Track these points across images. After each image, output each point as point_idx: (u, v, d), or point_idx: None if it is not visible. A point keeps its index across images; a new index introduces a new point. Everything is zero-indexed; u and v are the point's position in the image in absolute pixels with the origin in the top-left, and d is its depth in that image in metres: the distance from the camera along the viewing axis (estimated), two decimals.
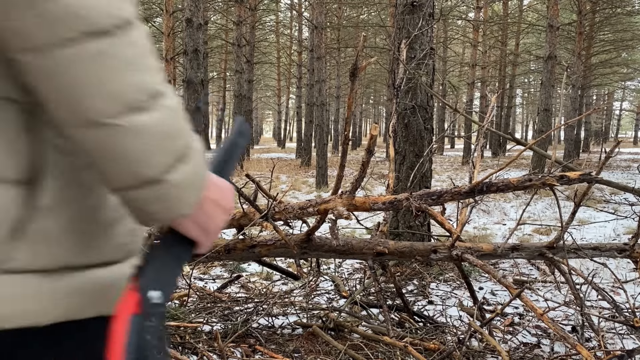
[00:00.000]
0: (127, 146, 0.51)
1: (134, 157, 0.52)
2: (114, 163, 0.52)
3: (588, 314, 2.22)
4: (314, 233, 2.51)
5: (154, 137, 0.53)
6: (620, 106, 41.85)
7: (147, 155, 0.53)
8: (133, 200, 0.56)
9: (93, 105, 0.49)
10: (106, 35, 0.48)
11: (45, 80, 0.48)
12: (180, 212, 0.58)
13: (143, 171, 0.53)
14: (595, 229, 5.66)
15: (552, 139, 11.13)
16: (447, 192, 2.48)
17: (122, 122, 0.50)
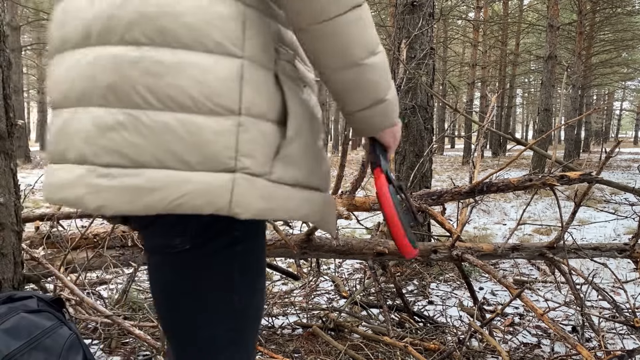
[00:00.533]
0: (369, 78, 0.83)
1: (372, 86, 0.84)
2: (359, 92, 0.84)
3: (588, 314, 2.22)
4: (314, 233, 2.51)
5: (381, 70, 0.84)
6: (620, 106, 41.85)
7: (379, 83, 0.85)
8: (365, 117, 0.88)
9: (354, 52, 0.80)
10: (360, 6, 0.79)
11: (323, 40, 0.79)
12: (392, 122, 0.91)
13: (376, 94, 0.85)
14: (596, 229, 5.66)
15: (552, 139, 11.13)
16: (447, 192, 2.48)
17: (368, 62, 0.82)
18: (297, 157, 0.83)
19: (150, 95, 0.74)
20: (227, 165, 0.75)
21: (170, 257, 0.85)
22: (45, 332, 1.35)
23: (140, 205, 0.74)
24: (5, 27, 1.68)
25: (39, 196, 8.66)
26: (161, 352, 1.97)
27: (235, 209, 0.76)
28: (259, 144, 0.78)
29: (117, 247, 2.52)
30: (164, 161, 0.74)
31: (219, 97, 0.75)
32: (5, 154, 1.62)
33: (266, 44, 0.81)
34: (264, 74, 0.80)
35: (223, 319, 0.88)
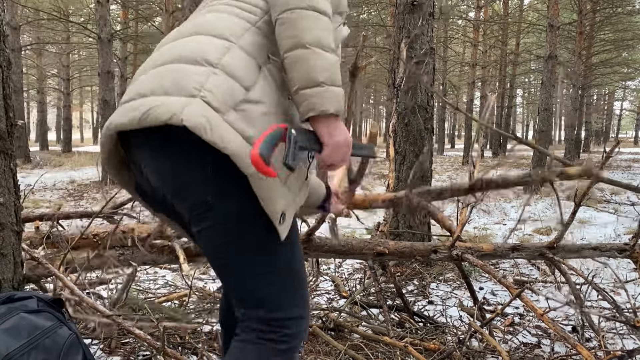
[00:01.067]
0: (311, 61, 1.05)
1: (312, 68, 1.05)
2: (300, 70, 1.06)
3: (588, 312, 2.22)
4: (314, 233, 2.51)
5: (325, 61, 1.06)
6: (620, 106, 41.81)
7: (320, 69, 1.06)
8: (302, 94, 1.06)
9: (304, 37, 1.06)
10: (321, 13, 1.07)
11: (285, 25, 1.07)
12: (323, 107, 1.06)
13: (314, 77, 1.05)
14: (596, 229, 5.66)
15: (552, 139, 11.13)
16: (447, 190, 2.48)
17: (314, 49, 1.06)
18: (253, 117, 1.04)
19: (169, 55, 1.12)
20: (192, 93, 1.02)
21: (204, 214, 1.08)
22: (45, 332, 1.35)
23: (127, 118, 1.05)
24: (5, 27, 1.68)
25: (38, 196, 8.66)
26: (161, 351, 1.97)
27: (182, 116, 0.98)
28: (223, 90, 1.03)
29: (117, 247, 2.52)
30: (154, 90, 1.05)
31: (207, 55, 1.08)
32: (5, 154, 1.62)
33: (259, 46, 1.13)
34: (247, 58, 1.10)
35: (264, 262, 1.13)
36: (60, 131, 31.81)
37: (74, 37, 23.23)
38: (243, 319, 1.17)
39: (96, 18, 11.00)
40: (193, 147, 1.02)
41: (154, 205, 1.27)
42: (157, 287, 3.45)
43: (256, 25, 1.15)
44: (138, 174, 1.20)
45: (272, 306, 1.14)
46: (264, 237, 1.11)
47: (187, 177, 1.07)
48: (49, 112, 34.51)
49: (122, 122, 1.06)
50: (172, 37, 1.21)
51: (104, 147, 1.15)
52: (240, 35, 1.12)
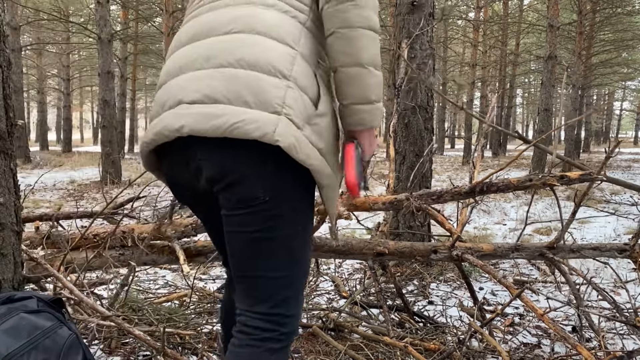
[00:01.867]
0: (367, 80, 1.14)
1: (367, 88, 1.14)
2: (357, 87, 1.14)
3: (588, 312, 2.22)
4: (313, 233, 2.51)
5: (377, 81, 1.15)
6: (620, 106, 41.80)
7: (373, 89, 1.15)
8: (356, 109, 1.16)
9: (363, 56, 1.13)
10: (377, 33, 1.14)
11: (343, 45, 1.13)
12: (372, 123, 1.18)
13: (368, 96, 1.15)
14: (596, 229, 5.66)
15: (552, 138, 11.13)
16: (447, 192, 2.48)
17: (370, 69, 1.14)
18: (322, 130, 1.12)
19: (231, 57, 1.09)
20: (275, 109, 1.05)
21: (253, 208, 1.10)
22: (44, 333, 1.35)
23: (208, 125, 1.04)
24: (5, 27, 1.68)
25: (38, 196, 8.66)
26: (161, 352, 1.97)
27: (276, 137, 1.03)
28: (299, 103, 1.08)
29: (117, 247, 2.52)
30: (232, 99, 1.05)
31: (277, 64, 1.08)
32: (5, 154, 1.62)
33: (312, 51, 1.16)
34: (307, 67, 1.13)
35: (286, 264, 1.16)
36: (60, 131, 31.81)
37: (74, 38, 23.23)
38: (242, 314, 1.19)
39: (96, 18, 11.00)
40: (269, 154, 1.06)
41: (182, 193, 1.28)
42: (157, 287, 3.45)
43: (306, 25, 1.17)
44: (179, 165, 1.18)
45: (277, 302, 1.16)
46: (303, 234, 1.18)
47: (258, 179, 1.09)
48: (49, 112, 34.51)
49: (201, 128, 1.04)
50: (209, 23, 1.17)
51: (151, 144, 1.14)
52: (298, 41, 1.14)
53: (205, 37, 1.15)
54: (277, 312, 1.16)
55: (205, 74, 1.09)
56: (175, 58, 1.19)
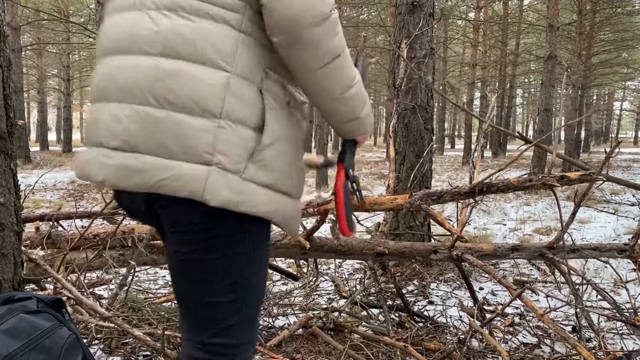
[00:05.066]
0: (346, 106, 1.06)
1: (349, 110, 1.07)
2: (339, 115, 1.08)
3: (588, 312, 2.22)
4: (313, 233, 2.51)
5: (356, 97, 1.06)
6: (620, 106, 41.78)
7: (354, 107, 1.07)
8: (344, 128, 1.11)
9: (334, 91, 1.02)
10: (338, 56, 1.00)
11: (310, 85, 1.02)
12: (365, 130, 1.14)
13: (352, 115, 1.08)
14: (596, 229, 5.65)
15: (552, 138, 11.13)
16: (447, 192, 2.48)
17: (345, 95, 1.04)
18: (270, 162, 0.98)
19: (150, 94, 0.93)
20: (205, 159, 0.92)
21: (188, 233, 1.00)
22: (44, 333, 1.35)
23: (132, 182, 0.93)
24: (5, 27, 1.68)
25: (39, 196, 8.66)
26: (161, 353, 1.96)
27: (206, 195, 0.91)
28: (235, 145, 0.94)
29: (117, 248, 2.52)
30: (154, 149, 0.92)
31: (204, 101, 0.92)
32: (5, 154, 1.62)
33: (254, 63, 0.97)
34: (247, 88, 0.96)
35: (227, 288, 1.05)
36: (60, 131, 31.82)
37: (74, 38, 23.22)
38: (185, 343, 1.10)
39: (96, 18, 11.00)
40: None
41: (132, 212, 1.17)
42: (158, 287, 3.45)
43: (242, 29, 0.96)
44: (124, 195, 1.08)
45: (218, 330, 1.06)
46: (253, 253, 1.06)
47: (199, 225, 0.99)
48: (49, 113, 34.50)
49: (126, 185, 0.94)
50: (130, 30, 0.98)
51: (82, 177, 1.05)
52: (233, 56, 0.94)
53: (127, 51, 0.97)
54: (218, 342, 1.06)
55: (125, 115, 0.94)
56: (102, 72, 1.02)
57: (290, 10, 0.91)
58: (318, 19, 0.92)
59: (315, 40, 0.93)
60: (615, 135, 37.65)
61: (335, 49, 0.97)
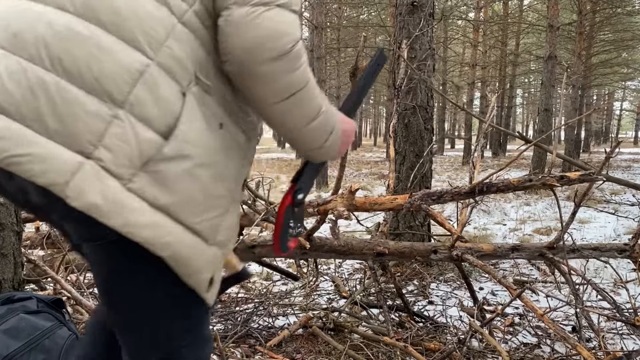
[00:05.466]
0: (307, 136, 0.93)
1: (310, 141, 0.94)
2: (300, 145, 0.95)
3: (588, 312, 2.22)
4: (313, 233, 2.51)
5: (320, 128, 0.93)
6: (620, 106, 41.80)
7: (315, 139, 0.94)
8: (309, 155, 0.99)
9: (294, 124, 0.89)
10: (300, 90, 0.86)
11: (270, 117, 0.89)
12: (332, 156, 1.02)
13: (316, 144, 0.95)
14: (596, 229, 5.66)
15: (552, 139, 11.14)
16: (448, 193, 2.48)
17: (307, 127, 0.91)
18: (171, 180, 0.79)
19: (45, 53, 0.76)
20: (84, 148, 0.75)
21: (101, 242, 0.84)
22: (44, 333, 1.35)
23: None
24: None
25: None
26: None
27: (68, 191, 0.74)
28: (128, 143, 0.76)
29: None
30: (26, 116, 0.74)
31: (108, 81, 0.76)
32: None
33: (186, 64, 0.81)
34: (168, 85, 0.79)
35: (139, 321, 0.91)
36: None
37: None
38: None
39: None
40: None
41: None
42: None
43: (183, 19, 0.82)
44: None
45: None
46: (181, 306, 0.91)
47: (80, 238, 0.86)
48: None
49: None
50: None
51: None
52: (160, 44, 0.79)
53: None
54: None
55: (6, 67, 0.76)
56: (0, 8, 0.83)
57: (245, 41, 0.79)
58: (275, 54, 0.80)
59: (270, 76, 0.81)
60: (615, 135, 37.67)
61: (294, 85, 0.84)
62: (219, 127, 0.85)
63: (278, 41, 0.80)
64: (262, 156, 21.62)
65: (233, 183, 0.90)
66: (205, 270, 0.86)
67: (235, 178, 0.90)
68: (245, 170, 0.95)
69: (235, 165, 0.90)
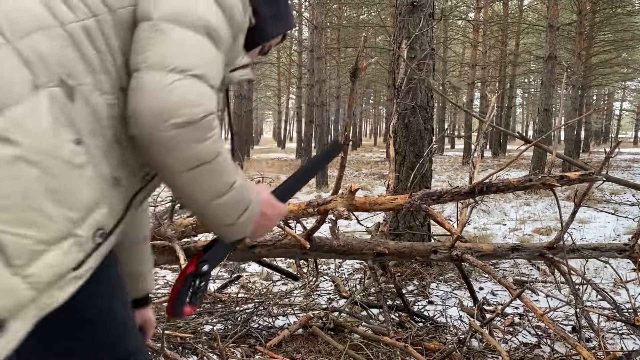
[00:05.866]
0: (211, 213, 0.86)
1: (215, 218, 0.87)
2: (206, 220, 0.88)
3: (588, 312, 2.22)
4: (313, 233, 2.51)
5: (229, 205, 0.86)
6: (620, 106, 41.80)
7: (226, 215, 0.87)
8: (217, 230, 0.91)
9: (198, 199, 0.83)
10: (209, 162, 0.79)
11: (173, 185, 0.83)
12: (243, 235, 0.93)
13: (224, 222, 0.88)
14: (596, 229, 5.66)
15: (552, 139, 11.14)
16: (447, 193, 2.48)
17: (212, 204, 0.84)
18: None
19: None
20: None
21: None
22: None
23: None
24: None
25: None
26: (161, 353, 1.97)
27: None
28: None
29: None
30: None
31: None
32: None
33: (49, 61, 0.74)
34: (18, 69, 0.71)
35: None
36: None
37: None
38: None
39: None
40: None
41: None
42: (157, 287, 3.45)
43: (67, 27, 0.77)
44: None
45: None
46: None
47: None
48: None
49: None
50: None
51: None
52: (26, 32, 0.73)
53: None
54: None
55: None
56: None
57: (153, 106, 0.74)
58: (182, 121, 0.74)
59: (175, 143, 0.75)
60: (615, 135, 37.68)
61: (202, 155, 0.78)
62: (74, 142, 0.74)
63: (188, 109, 0.75)
64: (262, 156, 21.63)
65: (79, 214, 0.74)
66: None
67: (87, 212, 0.75)
68: (108, 217, 0.80)
69: (88, 197, 0.76)
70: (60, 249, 0.72)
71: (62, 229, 0.72)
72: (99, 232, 0.79)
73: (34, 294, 0.70)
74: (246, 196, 0.89)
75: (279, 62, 27.62)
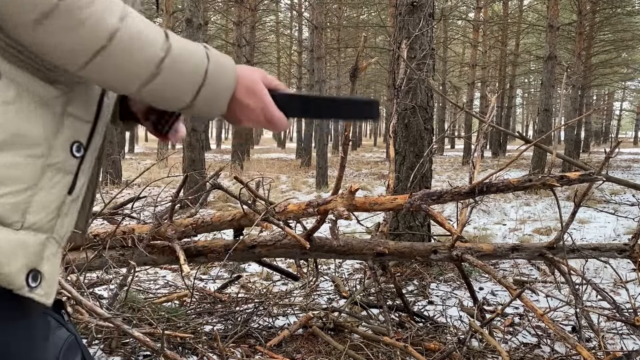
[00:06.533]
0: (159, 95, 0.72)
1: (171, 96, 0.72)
2: (161, 105, 0.74)
3: (588, 312, 2.22)
4: (313, 233, 2.51)
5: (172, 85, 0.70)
6: (620, 106, 41.81)
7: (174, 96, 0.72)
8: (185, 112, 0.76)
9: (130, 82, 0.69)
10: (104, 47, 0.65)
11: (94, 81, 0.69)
12: (219, 113, 0.77)
13: (178, 105, 0.74)
14: (596, 229, 5.66)
15: (552, 139, 11.14)
16: (447, 193, 2.48)
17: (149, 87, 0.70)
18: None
19: None
20: None
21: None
22: None
23: None
24: None
25: None
26: (161, 353, 1.97)
27: None
28: None
29: (117, 248, 2.52)
30: None
31: None
32: None
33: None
34: None
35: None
36: None
37: None
38: None
39: None
40: None
41: None
42: (158, 287, 3.45)
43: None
44: None
45: None
46: None
47: None
48: None
49: None
50: None
51: None
52: None
53: None
54: None
55: None
56: None
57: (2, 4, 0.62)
58: (37, 14, 0.62)
59: (47, 40, 0.64)
60: (615, 135, 37.68)
61: (90, 43, 0.65)
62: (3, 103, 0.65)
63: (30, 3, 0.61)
64: (262, 156, 21.63)
65: (40, 149, 0.68)
66: (12, 260, 0.66)
67: (47, 142, 0.69)
68: (71, 131, 0.72)
69: (40, 126, 0.68)
70: (45, 185, 0.69)
71: (34, 169, 0.67)
72: (75, 145, 0.72)
73: (46, 235, 0.70)
74: (194, 70, 0.72)
75: (279, 62, 27.60)
